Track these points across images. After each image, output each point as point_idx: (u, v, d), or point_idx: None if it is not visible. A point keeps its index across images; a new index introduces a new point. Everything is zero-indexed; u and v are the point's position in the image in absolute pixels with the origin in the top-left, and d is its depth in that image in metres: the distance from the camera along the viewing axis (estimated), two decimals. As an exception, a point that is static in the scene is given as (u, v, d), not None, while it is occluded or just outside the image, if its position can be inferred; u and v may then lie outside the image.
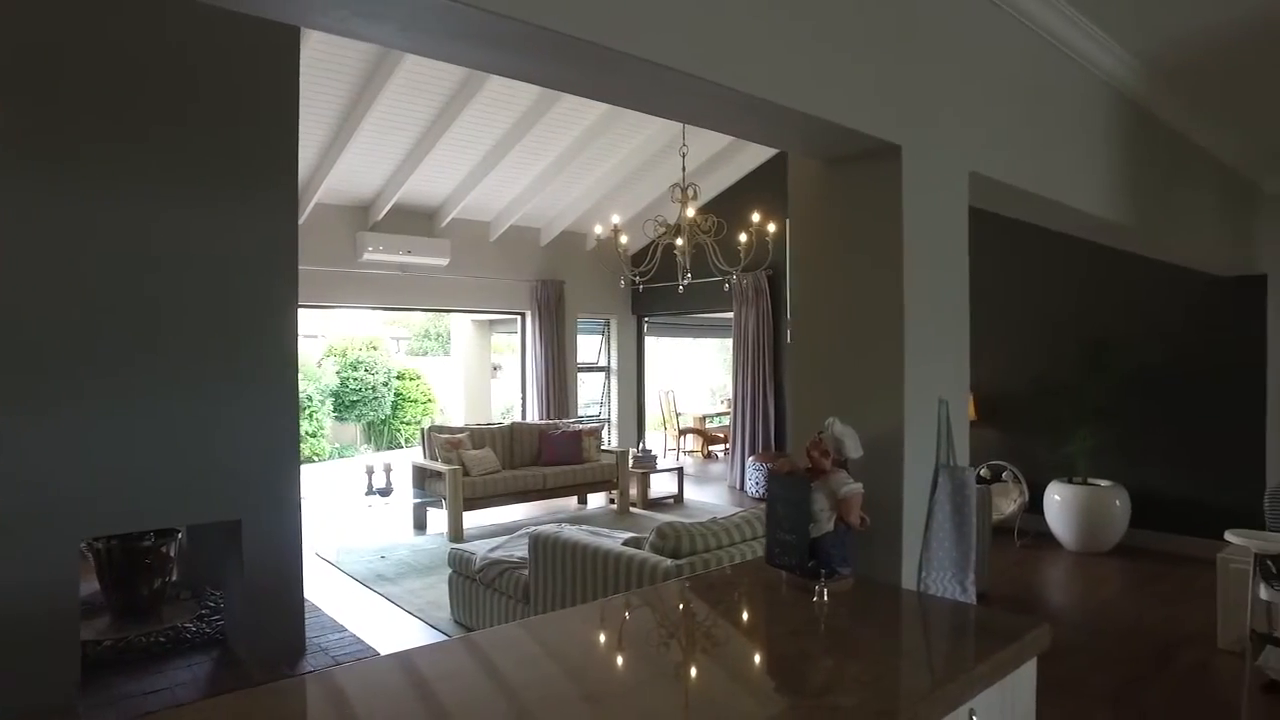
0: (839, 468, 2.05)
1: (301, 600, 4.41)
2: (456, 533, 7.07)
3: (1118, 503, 6.37)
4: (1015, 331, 7.33)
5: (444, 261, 8.98)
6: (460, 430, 7.96)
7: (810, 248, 2.38)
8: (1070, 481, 6.54)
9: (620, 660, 1.74)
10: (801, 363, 2.40)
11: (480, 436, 8.00)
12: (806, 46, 1.90)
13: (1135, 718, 3.51)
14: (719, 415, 14.10)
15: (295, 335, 4.33)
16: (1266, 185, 5.59)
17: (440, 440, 7.59)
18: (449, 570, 4.85)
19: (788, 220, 2.52)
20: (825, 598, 1.96)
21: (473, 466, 7.49)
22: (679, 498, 8.94)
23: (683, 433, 13.48)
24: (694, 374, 17.38)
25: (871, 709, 1.41)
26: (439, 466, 7.34)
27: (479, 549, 4.70)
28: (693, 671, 1.67)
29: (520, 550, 4.46)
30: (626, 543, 3.80)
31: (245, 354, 4.09)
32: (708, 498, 9.30)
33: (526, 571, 4.15)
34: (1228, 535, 3.28)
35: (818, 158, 2.32)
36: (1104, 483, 6.47)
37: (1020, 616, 1.87)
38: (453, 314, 12.87)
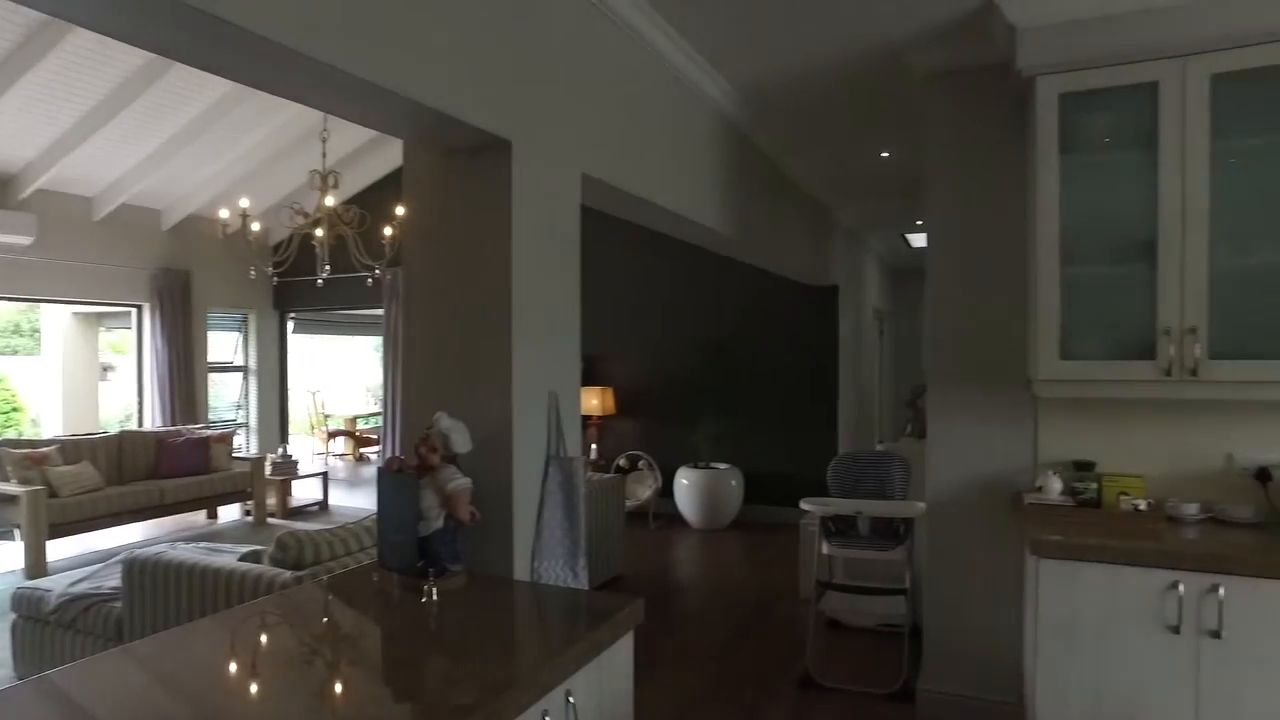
0: (448, 463, 2.04)
1: None
2: (37, 567, 5.90)
3: (734, 483, 7.25)
4: (654, 332, 8.01)
5: (27, 240, 7.44)
6: (46, 443, 6.66)
7: (424, 239, 2.34)
8: (695, 466, 7.30)
9: (225, 681, 1.54)
10: (414, 357, 2.35)
11: (76, 449, 6.77)
12: (417, 33, 1.86)
13: (734, 666, 4.01)
14: (374, 415, 13.51)
15: None
16: (837, 213, 6.75)
17: (14, 457, 6.28)
18: (12, 616, 4.01)
19: (401, 209, 2.45)
20: (435, 597, 1.93)
21: (63, 486, 6.31)
22: (324, 505, 8.40)
23: (332, 435, 12.69)
24: (346, 373, 16.44)
25: (453, 704, 1.40)
26: (10, 489, 6.07)
27: (57, 584, 3.96)
28: (300, 687, 1.53)
29: (113, 580, 3.84)
30: (244, 557, 3.44)
31: None
32: (359, 503, 8.86)
33: (120, 604, 3.58)
34: (802, 503, 3.88)
35: (430, 148, 2.28)
36: (723, 466, 7.33)
37: (617, 595, 2.00)
38: (44, 305, 10.74)
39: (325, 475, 8.70)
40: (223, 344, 9.98)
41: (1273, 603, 2.31)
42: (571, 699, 1.63)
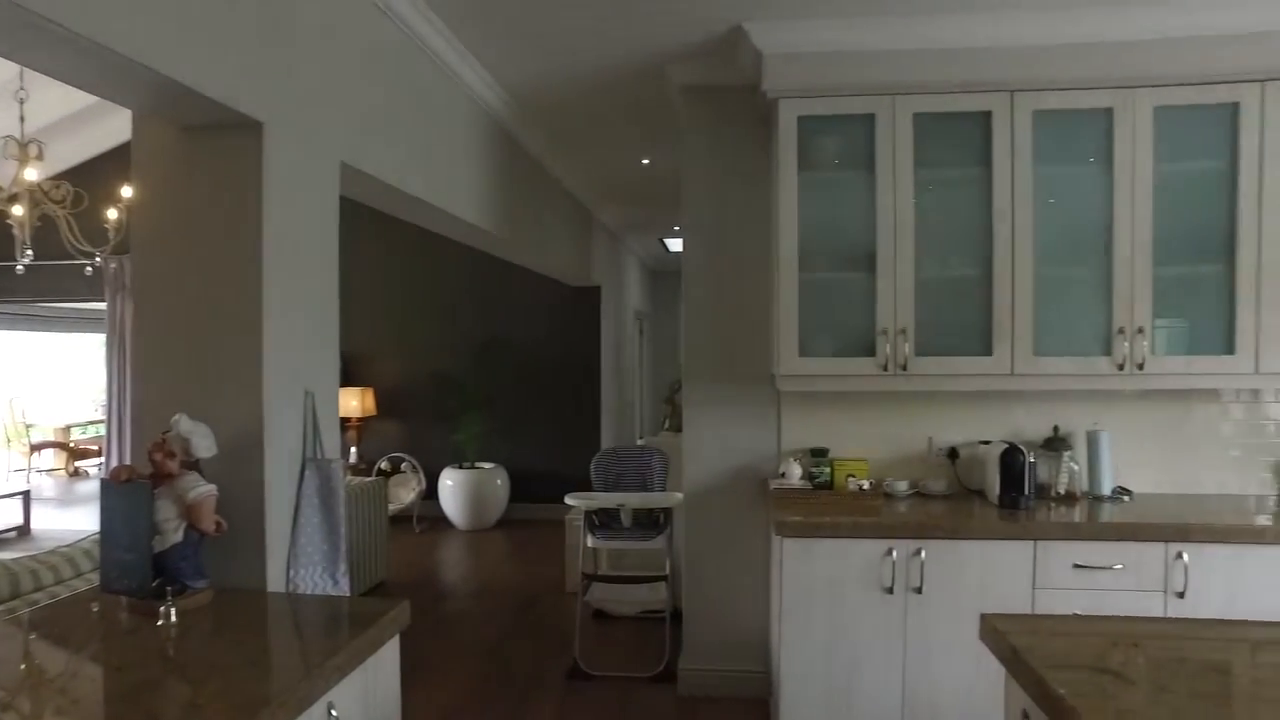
0: (189, 470, 1.86)
1: None
2: None
3: (499, 482, 7.22)
4: (418, 331, 7.76)
5: None
6: None
7: (157, 224, 2.11)
8: (461, 467, 7.18)
9: None
10: (147, 355, 2.11)
11: None
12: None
13: (504, 663, 4.01)
14: (95, 424, 11.83)
15: None
16: (599, 216, 6.96)
17: None
18: None
19: (128, 190, 2.19)
20: (174, 618, 1.75)
21: None
22: (25, 529, 7.24)
23: (36, 448, 10.97)
24: (60, 376, 14.22)
25: (201, 728, 1.29)
26: None
27: None
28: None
29: None
30: (-86, 596, 2.89)
31: None
32: (75, 524, 7.72)
33: None
34: (567, 499, 3.98)
35: (166, 122, 2.06)
36: (488, 466, 7.27)
37: (381, 600, 1.93)
38: None
39: (27, 495, 7.50)
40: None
41: (958, 558, 2.76)
42: (334, 711, 1.56)
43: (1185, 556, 2.69)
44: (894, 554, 2.76)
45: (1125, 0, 2.81)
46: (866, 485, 3.08)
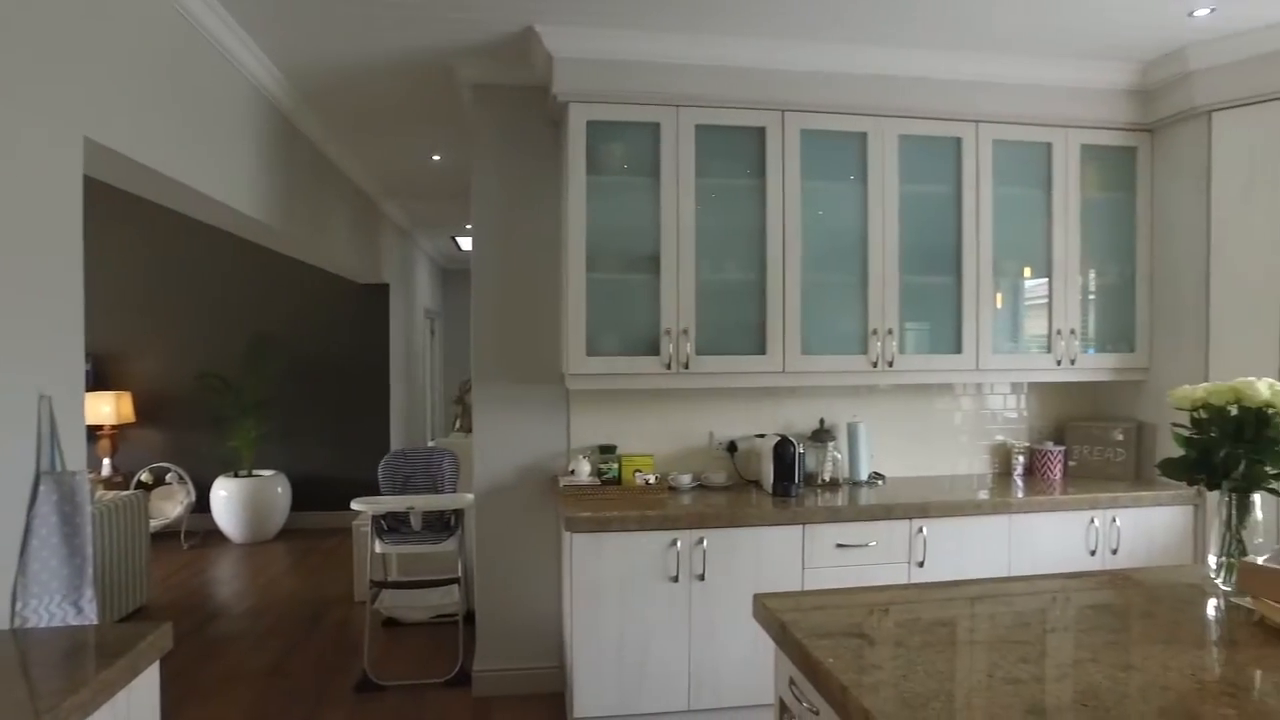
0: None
1: None
2: None
3: (279, 490, 6.75)
4: (186, 329, 7.06)
5: None
6: None
7: None
8: (236, 475, 6.64)
9: None
10: None
11: None
12: None
13: (288, 681, 3.76)
14: None
15: None
16: (385, 208, 6.70)
17: None
18: None
19: None
20: None
21: None
22: None
23: None
24: None
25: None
26: None
27: None
28: None
29: None
30: None
31: None
32: None
33: None
34: (353, 504, 3.81)
35: None
36: (267, 473, 6.77)
37: (137, 626, 1.76)
38: None
39: None
40: None
41: (737, 545, 2.96)
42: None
43: (924, 531, 3.07)
44: (678, 544, 2.91)
45: (875, 38, 3.15)
46: (653, 479, 3.22)
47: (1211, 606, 1.81)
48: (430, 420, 9.91)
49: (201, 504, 6.69)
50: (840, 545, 3.03)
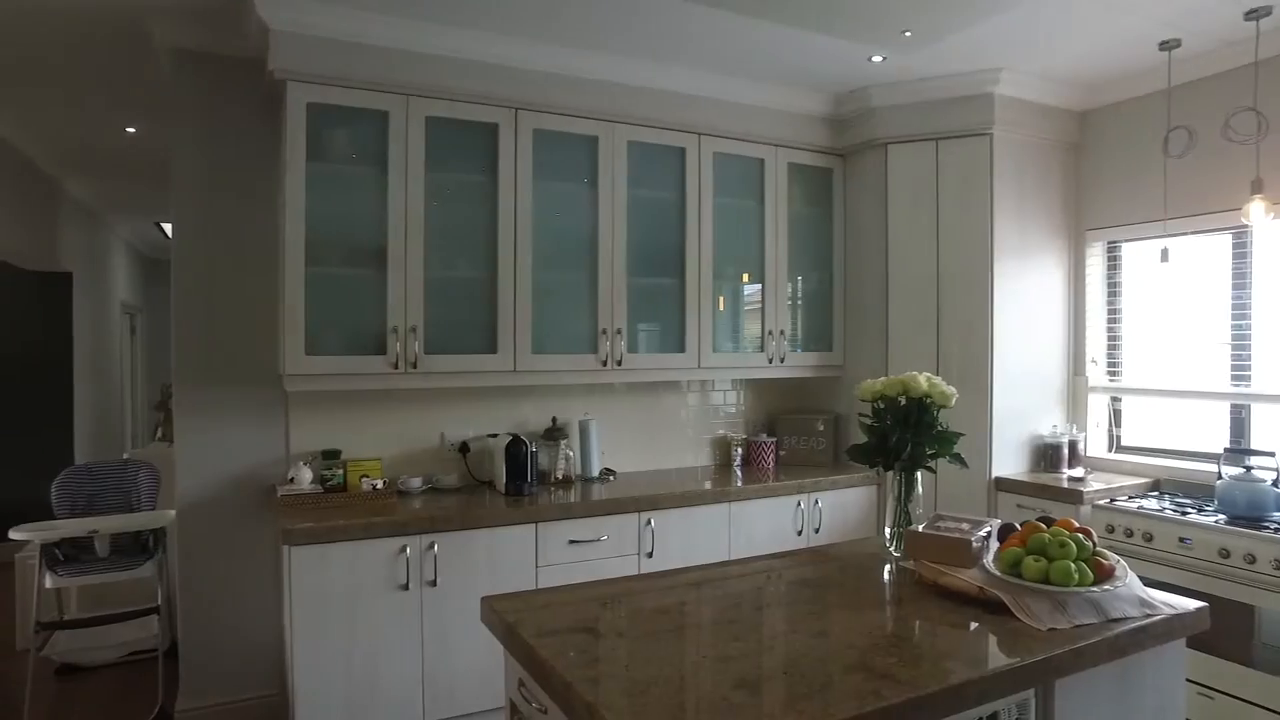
0: None
1: None
2: None
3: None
4: None
5: None
6: None
7: None
8: None
9: None
10: None
11: None
12: None
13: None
14: None
15: None
16: (69, 186, 5.78)
17: None
18: None
19: None
20: None
21: None
22: None
23: None
24: None
25: None
26: None
27: None
28: None
29: None
30: None
31: None
32: None
33: None
34: (13, 533, 3.21)
35: None
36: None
37: None
38: None
39: None
40: None
41: (470, 547, 2.91)
42: None
43: (652, 523, 3.21)
44: (408, 550, 2.79)
45: (593, 44, 3.23)
46: (380, 484, 3.07)
47: (886, 572, 2.07)
48: (130, 429, 8.72)
49: None
50: (573, 541, 3.07)
